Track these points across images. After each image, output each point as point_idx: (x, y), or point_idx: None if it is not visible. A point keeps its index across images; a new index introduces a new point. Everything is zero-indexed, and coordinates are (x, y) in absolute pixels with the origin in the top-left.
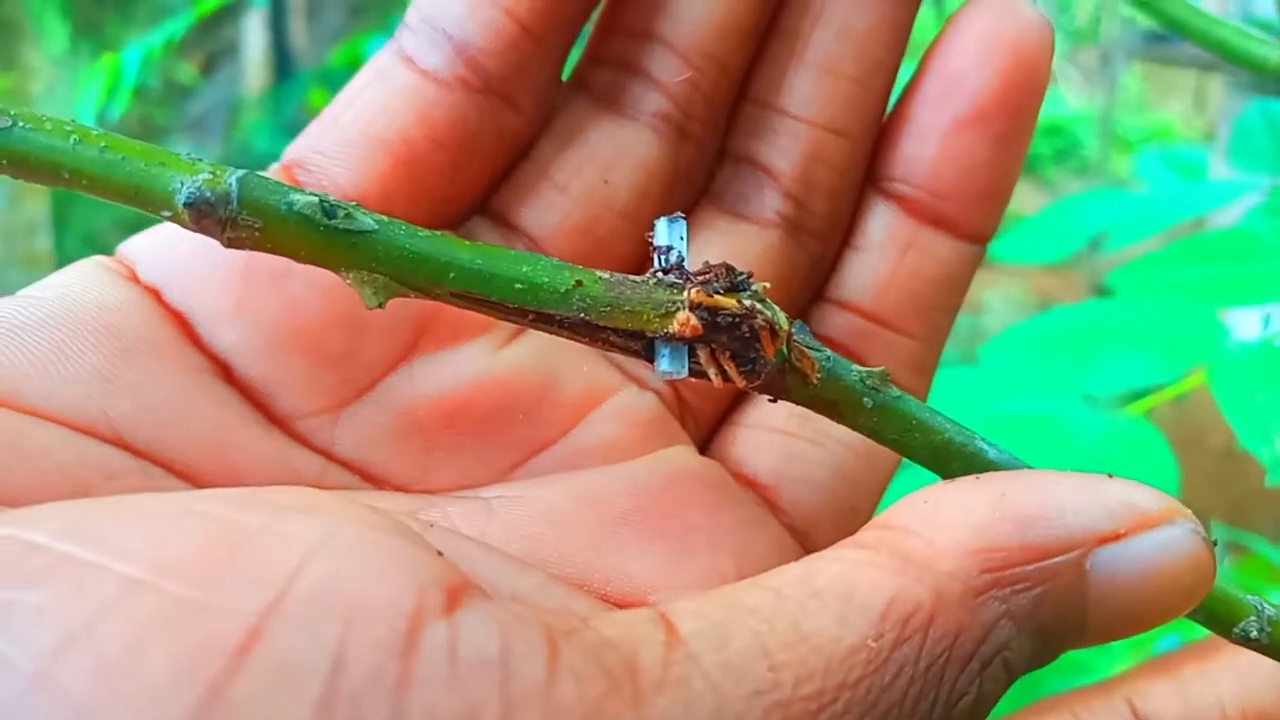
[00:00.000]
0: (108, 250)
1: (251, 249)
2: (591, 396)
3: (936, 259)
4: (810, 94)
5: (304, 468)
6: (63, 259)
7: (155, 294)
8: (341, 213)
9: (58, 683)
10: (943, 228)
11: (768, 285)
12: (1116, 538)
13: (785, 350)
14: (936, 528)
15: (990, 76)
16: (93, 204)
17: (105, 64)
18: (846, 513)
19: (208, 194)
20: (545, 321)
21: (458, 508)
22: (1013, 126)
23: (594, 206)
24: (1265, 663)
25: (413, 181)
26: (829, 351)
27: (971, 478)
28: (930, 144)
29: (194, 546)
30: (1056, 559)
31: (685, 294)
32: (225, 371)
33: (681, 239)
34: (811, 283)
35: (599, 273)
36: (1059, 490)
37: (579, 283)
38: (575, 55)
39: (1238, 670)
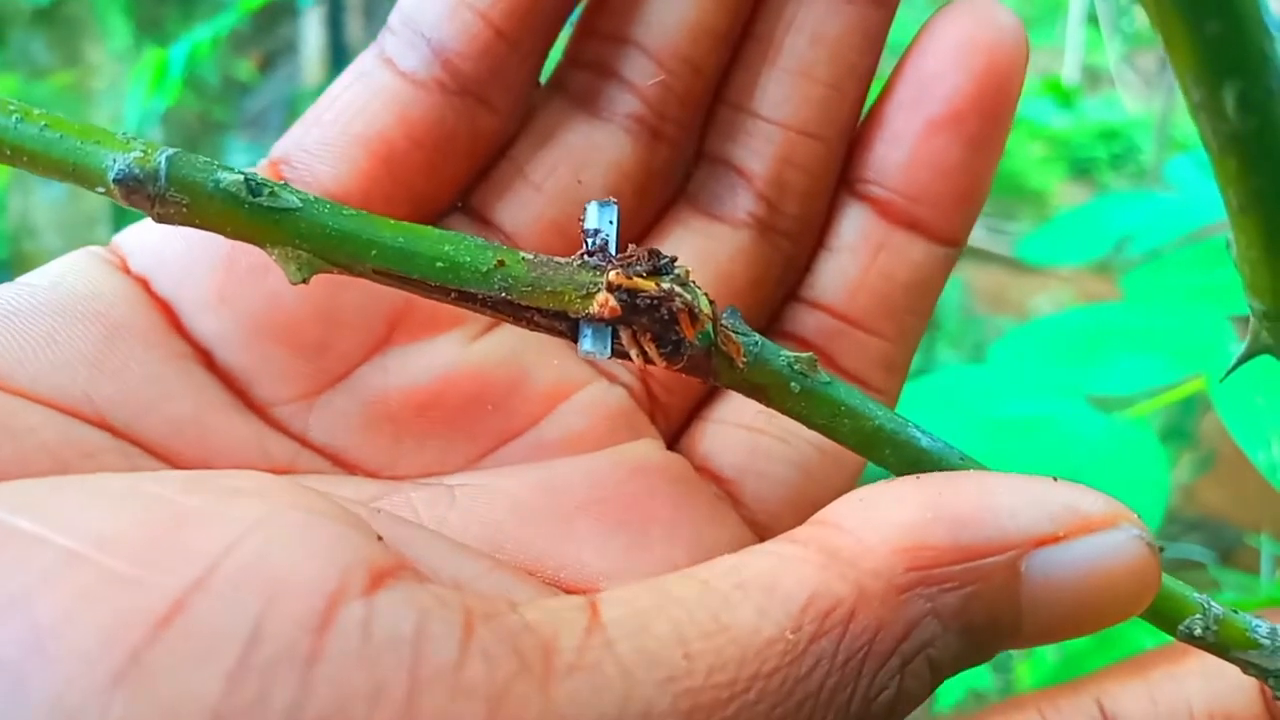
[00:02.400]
0: None
1: (181, 224)
2: (560, 389)
3: (908, 261)
4: (783, 98)
5: (277, 452)
6: None
7: (144, 283)
8: (266, 190)
9: None
10: (915, 230)
11: (690, 269)
12: (1055, 540)
13: (711, 334)
14: (867, 525)
15: (963, 79)
16: None
17: (152, 59)
18: (809, 509)
19: (137, 171)
20: (468, 300)
21: (421, 494)
22: (986, 129)
23: (568, 205)
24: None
25: (392, 178)
26: (757, 336)
27: (913, 477)
28: (903, 146)
29: (134, 524)
30: (988, 560)
31: (605, 276)
32: (206, 359)
33: (611, 223)
34: (784, 282)
35: (523, 253)
36: (997, 491)
37: (501, 262)
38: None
39: (1207, 673)
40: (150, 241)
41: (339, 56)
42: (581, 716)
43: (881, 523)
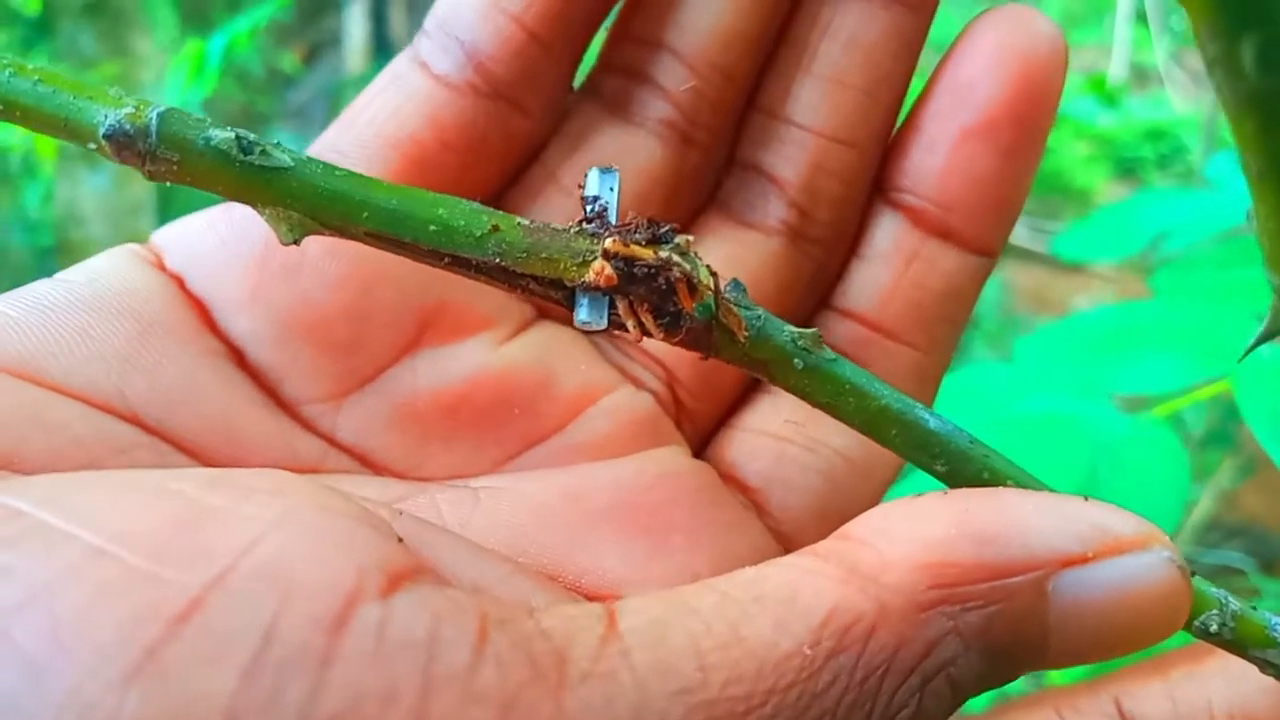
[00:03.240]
0: None
1: (173, 181)
2: (587, 394)
3: (941, 271)
4: (816, 104)
5: (305, 451)
6: None
7: (179, 281)
8: (258, 149)
9: (12, 637)
10: (949, 239)
11: (691, 239)
12: (1084, 561)
13: (713, 306)
14: (890, 540)
15: (999, 88)
16: (193, 189)
17: (191, 50)
18: (836, 521)
19: (127, 127)
20: (461, 265)
21: (446, 495)
22: (1022, 139)
23: None
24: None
25: (423, 180)
26: (761, 310)
27: (940, 492)
28: (938, 155)
29: (158, 521)
30: (1014, 579)
31: (602, 243)
32: (238, 356)
33: (612, 190)
34: (816, 290)
35: (519, 219)
36: (1025, 510)
37: (495, 227)
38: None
39: (1228, 674)
40: (186, 240)
41: (382, 48)
42: None
43: (905, 538)
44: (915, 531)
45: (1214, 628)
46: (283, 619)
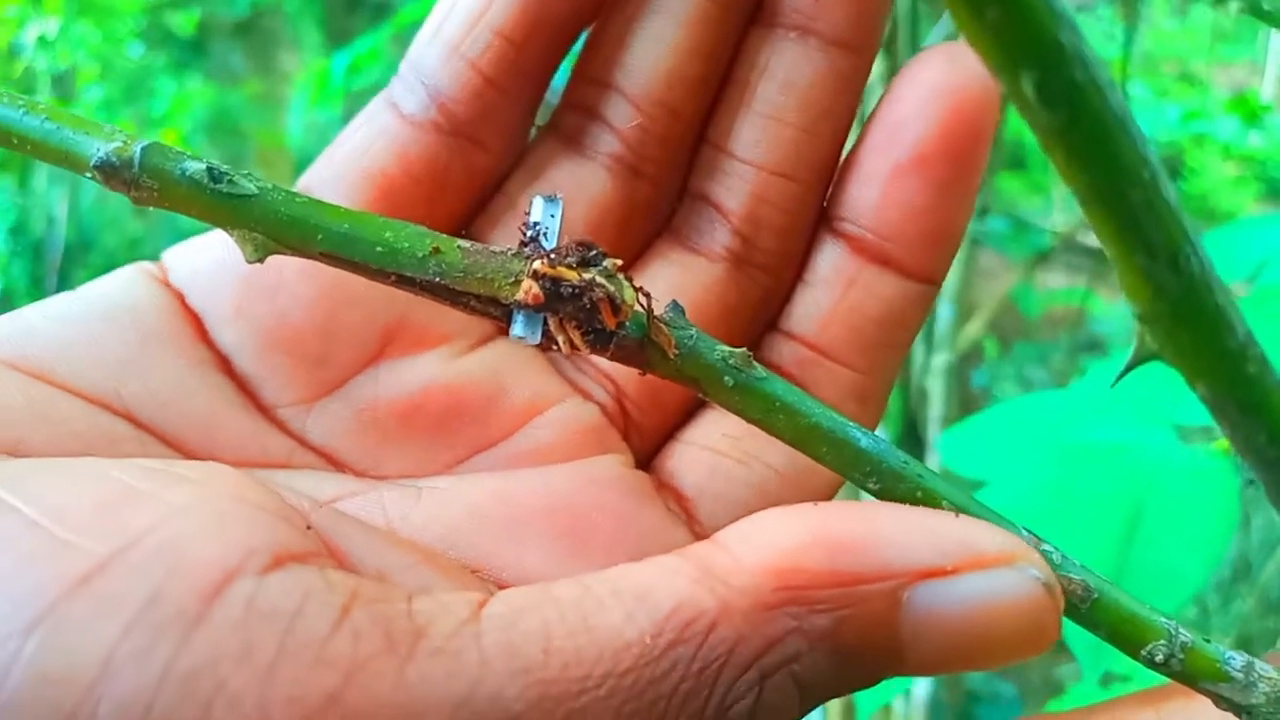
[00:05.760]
0: None
1: (154, 205)
2: (535, 405)
3: (880, 296)
4: (757, 140)
5: (275, 449)
6: None
7: (180, 297)
8: (226, 179)
9: None
10: (888, 267)
11: (619, 262)
12: (944, 573)
13: (645, 324)
14: (748, 545)
15: (930, 125)
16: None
17: (315, 71)
18: None
19: (114, 159)
20: (407, 283)
21: (393, 493)
22: (954, 173)
23: None
24: None
25: (393, 211)
26: (694, 330)
27: (812, 504)
28: (874, 187)
29: (88, 501)
30: (866, 587)
31: (531, 265)
32: (225, 364)
33: (553, 217)
34: (765, 312)
35: (459, 242)
36: (886, 522)
37: (436, 249)
38: None
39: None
40: (188, 260)
41: None
42: (431, 694)
43: (761, 543)
44: (772, 538)
45: (1160, 657)
46: (167, 586)
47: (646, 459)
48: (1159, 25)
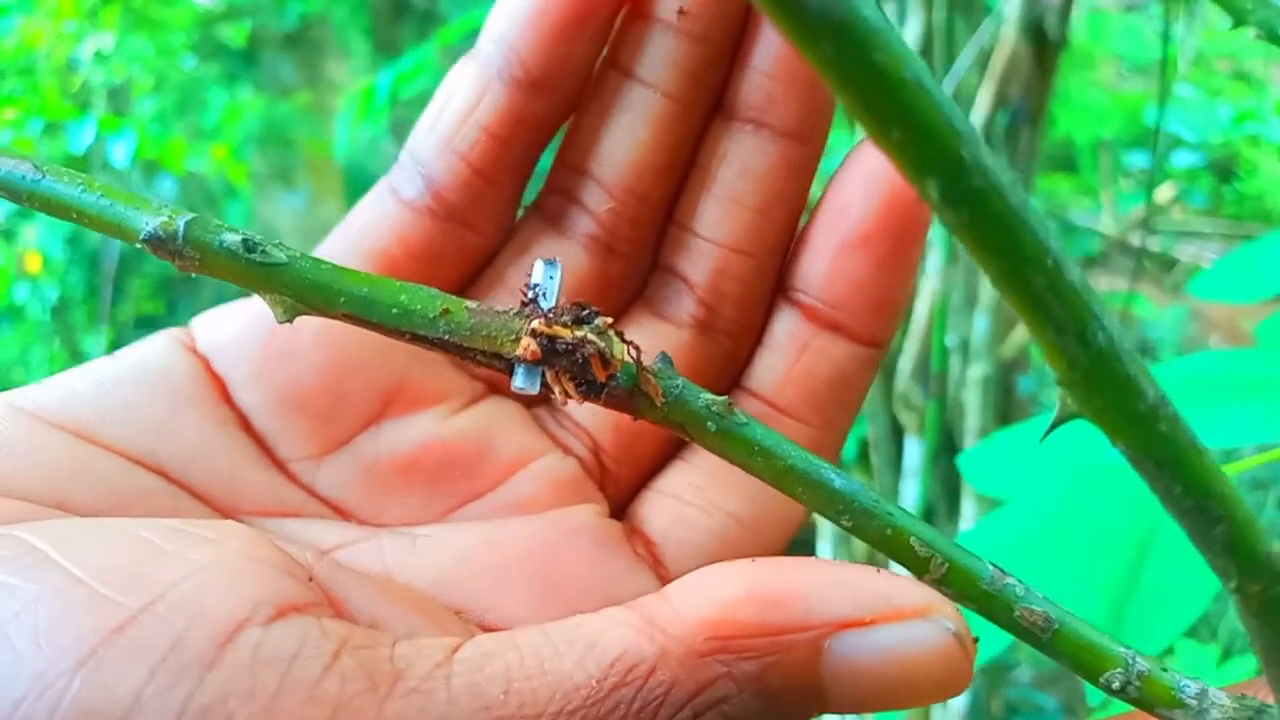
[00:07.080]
0: None
1: (196, 273)
2: (520, 459)
3: (830, 359)
4: (717, 220)
5: (289, 499)
6: None
7: (205, 362)
8: (259, 249)
9: (8, 636)
10: (839, 332)
11: (610, 320)
12: (862, 625)
13: (635, 375)
14: (689, 598)
15: (871, 207)
16: None
17: (360, 90)
18: None
19: (160, 232)
20: (420, 340)
21: (391, 541)
22: (894, 249)
23: None
24: None
25: None
26: (681, 380)
27: (750, 560)
28: (823, 261)
29: (122, 560)
30: (790, 636)
31: (530, 323)
32: (245, 423)
33: (552, 279)
34: (728, 374)
35: (467, 303)
36: (812, 578)
37: (446, 310)
38: None
39: None
40: (214, 328)
41: None
42: None
43: (699, 598)
44: (711, 592)
45: (1116, 685)
46: (187, 634)
47: (621, 507)
48: (1213, 24)
